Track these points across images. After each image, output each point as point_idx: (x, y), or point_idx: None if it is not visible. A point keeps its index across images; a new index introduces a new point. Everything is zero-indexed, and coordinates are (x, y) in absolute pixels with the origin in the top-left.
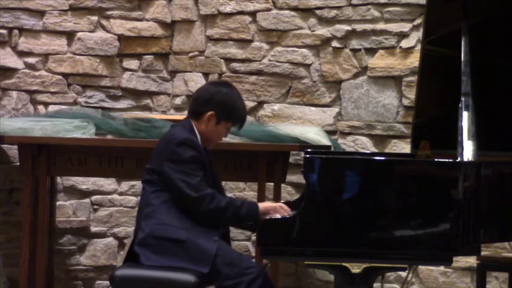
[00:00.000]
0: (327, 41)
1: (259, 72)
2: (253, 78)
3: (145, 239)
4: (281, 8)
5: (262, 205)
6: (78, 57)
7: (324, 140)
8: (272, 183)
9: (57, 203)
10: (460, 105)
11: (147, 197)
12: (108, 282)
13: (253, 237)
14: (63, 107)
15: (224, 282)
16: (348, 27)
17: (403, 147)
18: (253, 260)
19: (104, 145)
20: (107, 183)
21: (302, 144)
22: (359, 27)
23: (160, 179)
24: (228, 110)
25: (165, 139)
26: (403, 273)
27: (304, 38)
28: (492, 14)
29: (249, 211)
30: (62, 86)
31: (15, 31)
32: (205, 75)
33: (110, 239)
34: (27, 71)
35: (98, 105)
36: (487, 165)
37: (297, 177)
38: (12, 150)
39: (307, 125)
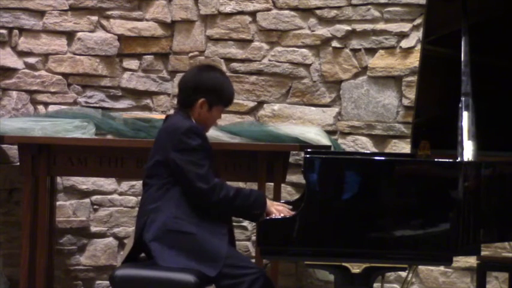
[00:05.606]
0: (327, 41)
1: (259, 72)
2: (253, 78)
3: (158, 233)
4: (281, 8)
5: (268, 202)
6: (78, 57)
7: (324, 140)
8: (272, 183)
9: (57, 203)
10: (460, 105)
11: (152, 192)
12: (108, 282)
13: (253, 237)
14: (63, 107)
15: (225, 282)
16: (348, 27)
17: (403, 147)
18: (253, 261)
19: (104, 145)
20: (107, 183)
21: (302, 144)
22: (359, 27)
23: (166, 172)
24: (218, 94)
25: (167, 129)
26: (403, 273)
27: (304, 38)
28: (492, 14)
29: (257, 200)
30: (62, 86)
31: (15, 31)
32: None
33: (110, 239)
34: (27, 71)
35: (98, 105)
36: (487, 165)
37: (297, 177)
38: (12, 150)
39: (307, 125)
